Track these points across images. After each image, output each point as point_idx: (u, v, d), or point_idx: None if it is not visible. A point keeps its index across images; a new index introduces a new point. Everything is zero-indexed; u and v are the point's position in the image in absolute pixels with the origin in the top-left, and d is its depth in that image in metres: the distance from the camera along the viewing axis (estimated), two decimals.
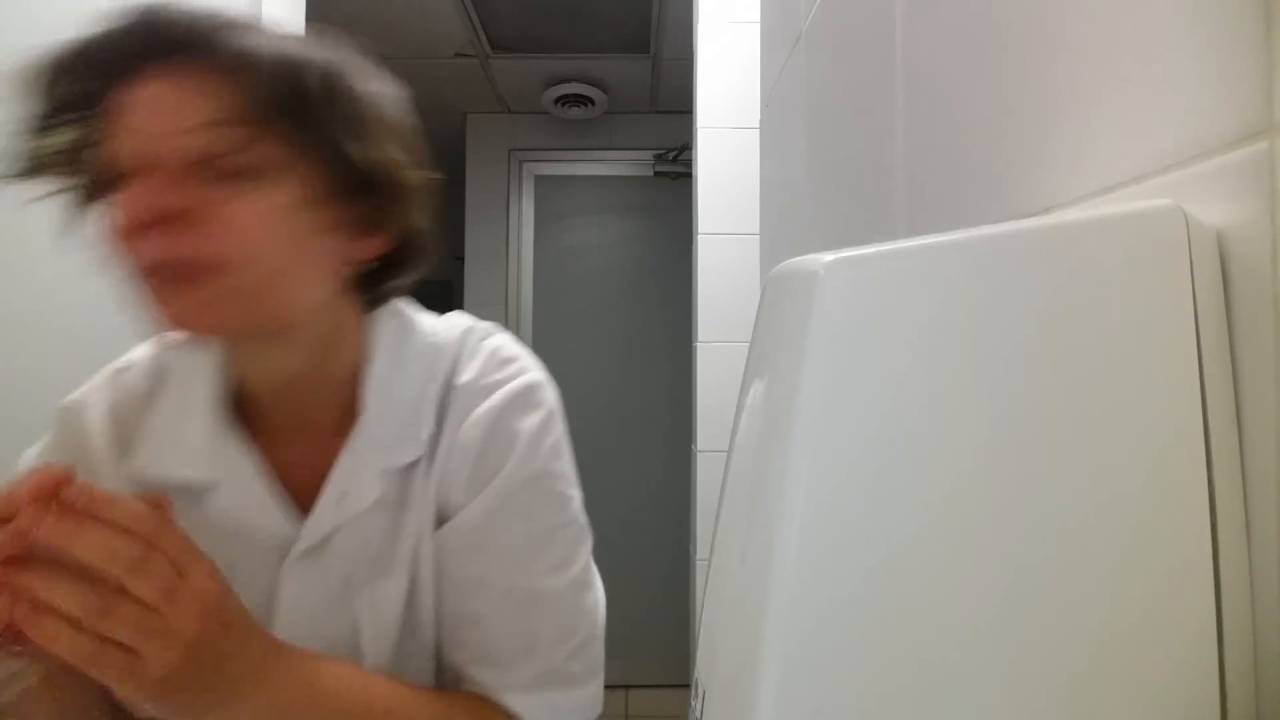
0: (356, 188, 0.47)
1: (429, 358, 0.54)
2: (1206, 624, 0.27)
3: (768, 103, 1.08)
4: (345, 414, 0.52)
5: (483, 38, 2.31)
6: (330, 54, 0.49)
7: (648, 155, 2.81)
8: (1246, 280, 0.27)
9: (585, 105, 2.76)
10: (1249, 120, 0.26)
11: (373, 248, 0.51)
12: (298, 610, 0.49)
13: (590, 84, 2.66)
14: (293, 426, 0.52)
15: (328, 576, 0.50)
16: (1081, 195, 0.35)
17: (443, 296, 3.81)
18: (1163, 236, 0.28)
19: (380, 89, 0.51)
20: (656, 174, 2.73)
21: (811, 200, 0.82)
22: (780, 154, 1.00)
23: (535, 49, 2.42)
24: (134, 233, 0.42)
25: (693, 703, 0.35)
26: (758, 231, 1.30)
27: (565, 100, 2.73)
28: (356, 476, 0.50)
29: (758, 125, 1.18)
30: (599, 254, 2.90)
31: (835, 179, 0.73)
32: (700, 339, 1.63)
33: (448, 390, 0.53)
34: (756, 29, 1.25)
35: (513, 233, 2.91)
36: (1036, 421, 0.28)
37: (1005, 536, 0.28)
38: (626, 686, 2.72)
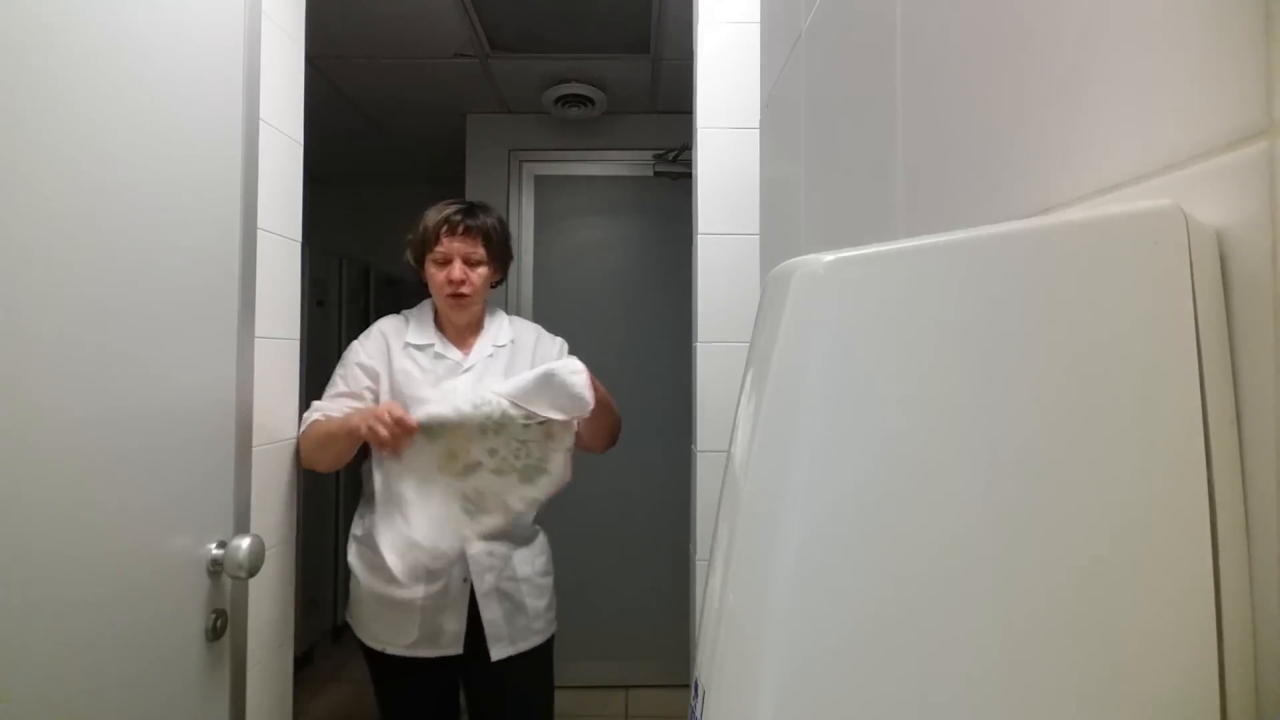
0: (502, 263, 1.52)
1: (497, 311, 1.57)
2: (1206, 624, 0.27)
3: (768, 103, 1.08)
4: (478, 328, 1.51)
5: (483, 38, 2.31)
6: (502, 215, 1.53)
7: (648, 155, 2.81)
8: (1246, 280, 0.27)
9: (585, 105, 2.76)
10: (1249, 120, 0.26)
11: (496, 280, 1.52)
12: (465, 389, 1.37)
13: (590, 84, 2.66)
14: (459, 330, 1.49)
15: (474, 377, 1.42)
16: (1081, 195, 0.35)
17: None
18: (1163, 236, 0.28)
19: (508, 226, 1.57)
20: (656, 174, 2.73)
21: (811, 200, 0.82)
22: (780, 154, 1.00)
23: (535, 49, 2.42)
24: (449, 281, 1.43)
25: (693, 703, 0.35)
26: (758, 231, 1.30)
27: (565, 100, 2.73)
28: (483, 346, 1.48)
29: (758, 125, 1.18)
30: (599, 254, 2.90)
31: (835, 179, 0.73)
32: (700, 339, 1.63)
33: (510, 322, 1.55)
34: (756, 29, 1.25)
35: (513, 233, 2.91)
36: (1036, 420, 0.28)
37: (1005, 537, 0.28)
38: (626, 686, 2.72)
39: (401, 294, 3.91)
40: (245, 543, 1.00)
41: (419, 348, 1.46)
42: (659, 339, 2.84)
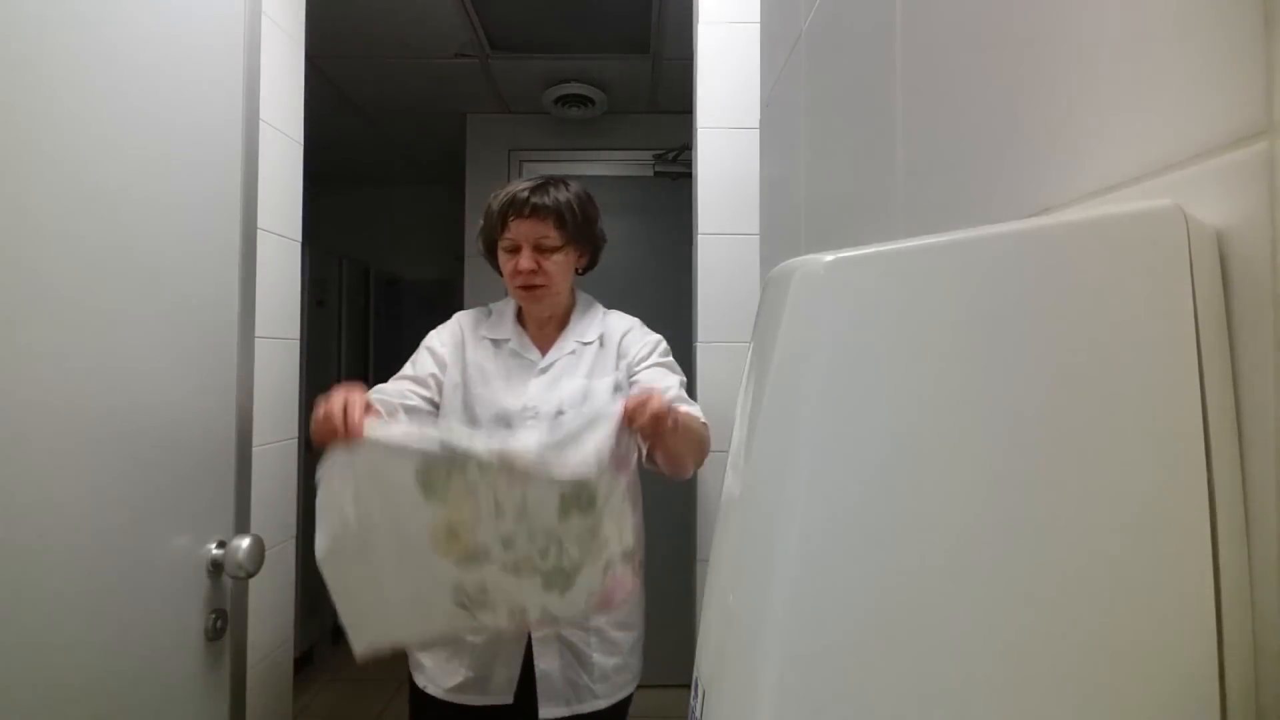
0: (587, 246, 1.30)
1: (592, 304, 1.36)
2: (1206, 624, 0.27)
3: (768, 103, 1.08)
4: (562, 322, 1.31)
5: (483, 38, 2.31)
6: (582, 191, 1.29)
7: (648, 155, 2.81)
8: (1246, 280, 0.27)
9: (585, 105, 2.76)
10: (1249, 120, 0.26)
11: (583, 265, 1.33)
12: (538, 392, 1.22)
13: (590, 84, 2.66)
14: (540, 324, 1.30)
15: (550, 380, 1.24)
16: (1081, 195, 0.35)
17: (443, 295, 3.81)
18: (1163, 236, 0.28)
19: (591, 203, 1.31)
20: (656, 174, 2.73)
21: (811, 200, 0.82)
22: (780, 154, 1.00)
23: (535, 49, 2.42)
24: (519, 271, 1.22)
25: (693, 703, 0.35)
26: (758, 231, 1.30)
27: (565, 100, 2.73)
28: (565, 343, 1.28)
29: (758, 125, 1.18)
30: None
31: (835, 179, 0.73)
32: (700, 339, 1.63)
33: (603, 316, 1.33)
34: (756, 29, 1.25)
35: None
36: (1036, 420, 0.28)
37: (1005, 537, 0.28)
38: None
39: (402, 294, 3.91)
40: (245, 543, 1.00)
41: (495, 342, 1.27)
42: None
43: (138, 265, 0.87)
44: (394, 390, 1.19)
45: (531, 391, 1.22)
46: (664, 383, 1.18)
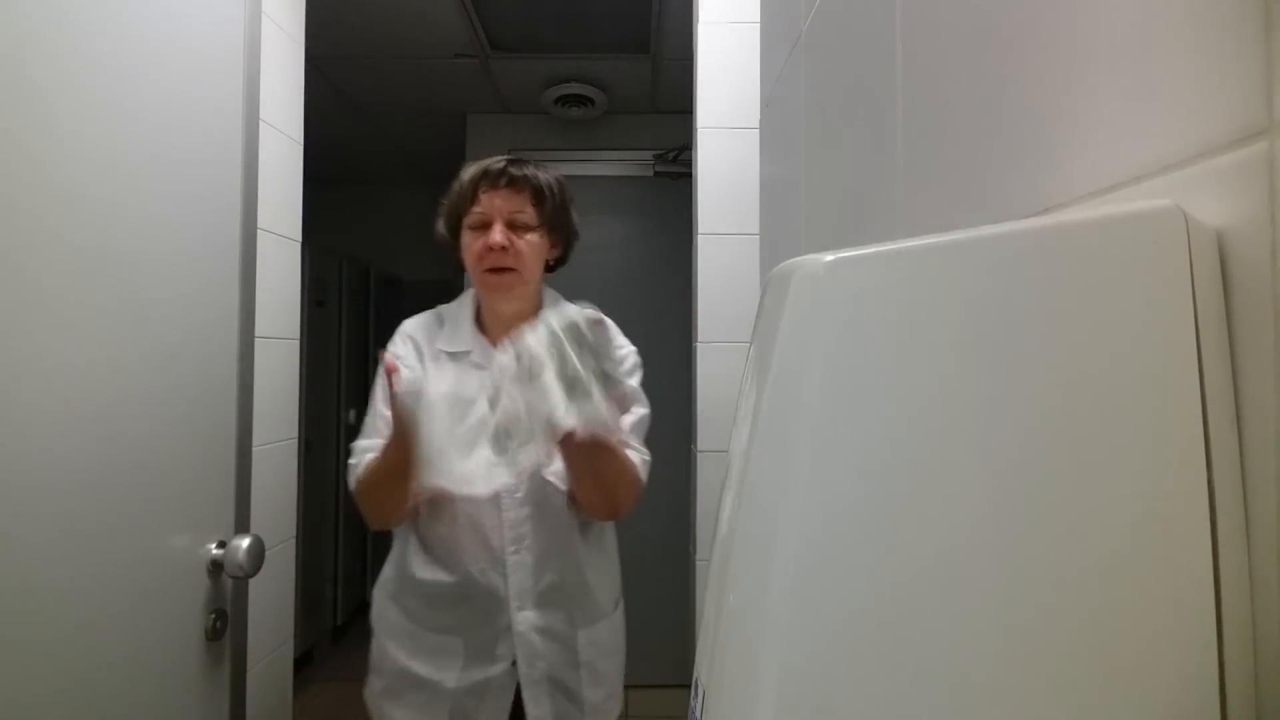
0: (561, 234, 1.16)
1: (559, 301, 1.17)
2: (1206, 624, 0.27)
3: (768, 103, 1.08)
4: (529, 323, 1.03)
5: (483, 38, 2.31)
6: (558, 178, 1.16)
7: (648, 155, 2.81)
8: (1246, 280, 0.27)
9: (585, 105, 2.77)
10: (1249, 120, 0.26)
11: (554, 258, 1.18)
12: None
13: (590, 84, 2.66)
14: (505, 327, 1.05)
15: None
16: (1081, 195, 0.35)
17: (443, 295, 3.81)
18: (1163, 236, 0.28)
19: (569, 189, 1.18)
20: (656, 174, 2.74)
21: (811, 200, 0.82)
22: (780, 154, 1.00)
23: (535, 49, 2.42)
24: (486, 251, 1.07)
25: (693, 703, 0.35)
26: (758, 231, 1.30)
27: (565, 100, 2.73)
28: None
29: (758, 125, 1.18)
30: (599, 254, 2.90)
31: (835, 179, 0.73)
32: (700, 339, 1.63)
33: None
34: (756, 29, 1.25)
35: None
36: (1035, 420, 0.28)
37: (1005, 537, 0.28)
38: (626, 686, 2.72)
39: (401, 294, 3.91)
40: (245, 543, 1.00)
41: (453, 356, 1.10)
42: (658, 339, 2.84)
43: (137, 265, 0.87)
44: (375, 444, 1.06)
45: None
46: (621, 420, 1.10)
